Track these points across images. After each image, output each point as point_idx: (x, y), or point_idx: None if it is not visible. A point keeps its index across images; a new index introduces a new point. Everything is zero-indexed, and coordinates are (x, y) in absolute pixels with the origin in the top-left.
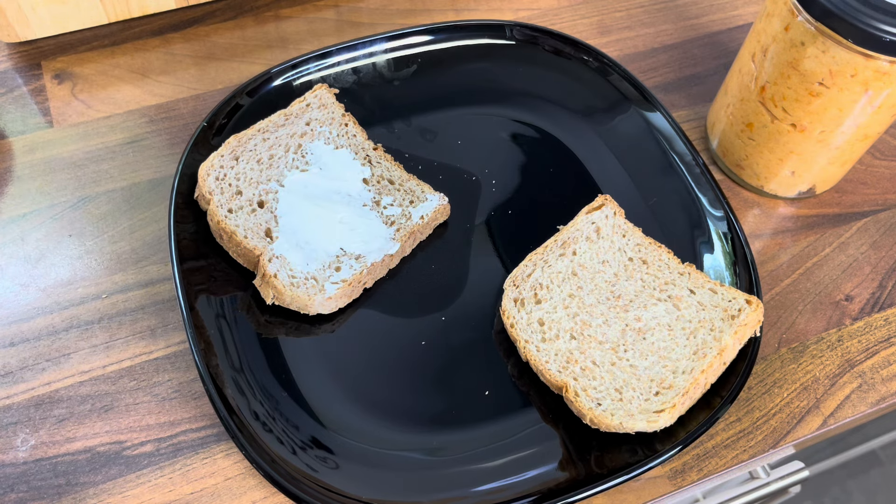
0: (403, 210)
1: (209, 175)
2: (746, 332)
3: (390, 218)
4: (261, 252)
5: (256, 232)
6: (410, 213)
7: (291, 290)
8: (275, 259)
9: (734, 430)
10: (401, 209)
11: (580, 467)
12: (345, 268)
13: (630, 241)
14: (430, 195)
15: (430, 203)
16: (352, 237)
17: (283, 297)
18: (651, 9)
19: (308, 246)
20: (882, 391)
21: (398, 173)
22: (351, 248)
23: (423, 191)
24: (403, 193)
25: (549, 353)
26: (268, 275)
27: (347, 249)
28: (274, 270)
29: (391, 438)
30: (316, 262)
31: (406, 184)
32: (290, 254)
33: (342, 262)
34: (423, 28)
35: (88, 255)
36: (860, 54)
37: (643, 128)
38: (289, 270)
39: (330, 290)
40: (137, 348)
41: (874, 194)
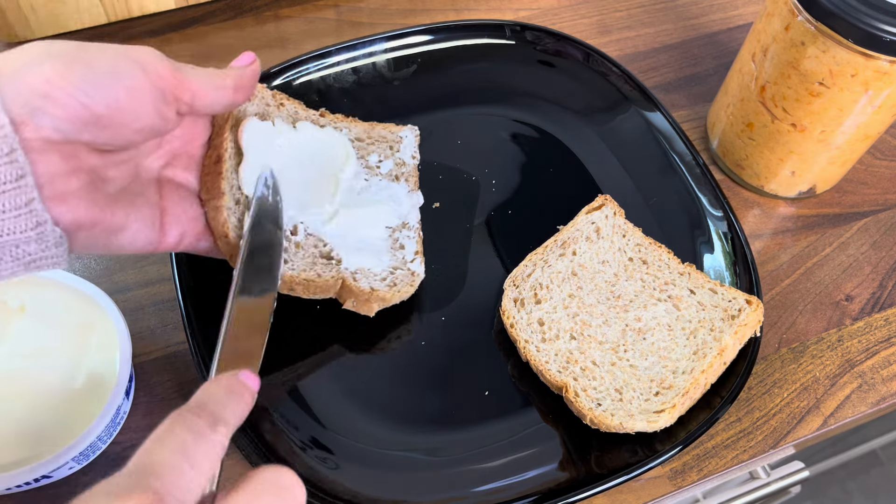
0: (394, 159)
1: None
2: (746, 333)
3: (392, 173)
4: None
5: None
6: (402, 159)
7: (392, 291)
8: (358, 276)
9: (734, 430)
10: (391, 160)
11: (580, 467)
12: (406, 241)
13: (630, 241)
14: (401, 132)
15: (409, 139)
16: (384, 212)
17: (388, 301)
18: (651, 8)
19: (367, 245)
20: (882, 391)
21: (359, 128)
22: (392, 222)
23: (391, 132)
24: (380, 143)
25: (549, 353)
26: (365, 292)
27: (391, 224)
28: (368, 285)
29: (391, 438)
30: (383, 254)
31: (373, 133)
32: (363, 261)
33: (399, 238)
34: (422, 28)
35: (88, 256)
36: (860, 54)
37: (643, 128)
38: (374, 277)
39: (418, 269)
40: (137, 348)
41: (874, 194)
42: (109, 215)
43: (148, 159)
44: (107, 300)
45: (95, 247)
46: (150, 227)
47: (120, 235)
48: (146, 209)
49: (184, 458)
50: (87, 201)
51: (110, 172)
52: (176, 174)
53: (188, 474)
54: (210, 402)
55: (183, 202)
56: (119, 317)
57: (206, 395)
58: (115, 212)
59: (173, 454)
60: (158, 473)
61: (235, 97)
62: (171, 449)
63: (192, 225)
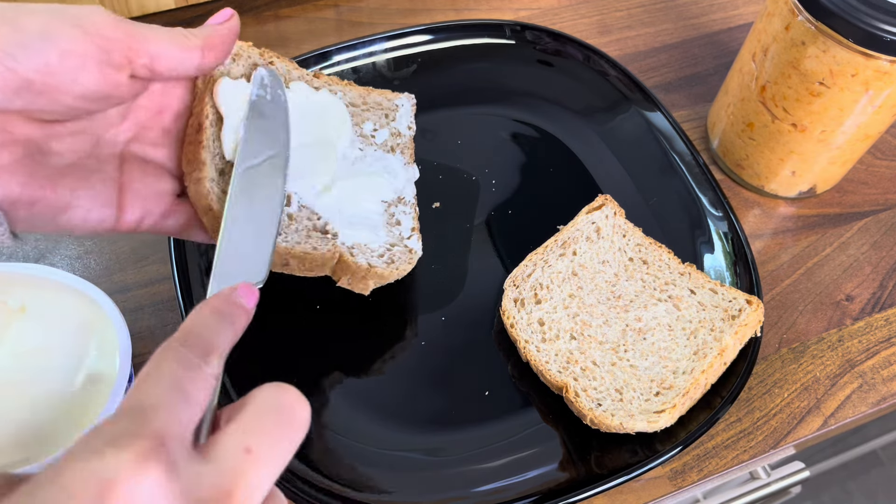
0: (389, 129)
1: None
2: (747, 333)
3: (387, 144)
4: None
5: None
6: (397, 129)
7: (391, 269)
8: (355, 252)
9: (734, 430)
10: (387, 130)
11: (580, 468)
12: (402, 217)
13: (630, 241)
14: (397, 100)
15: (405, 108)
16: (379, 185)
17: (386, 279)
18: (651, 8)
19: (363, 220)
20: (883, 391)
21: (354, 92)
22: (387, 196)
23: (388, 98)
24: (375, 111)
25: (549, 353)
26: (363, 268)
27: (386, 198)
28: (365, 261)
29: (391, 438)
30: (379, 229)
31: (369, 99)
32: (360, 236)
33: (394, 213)
34: (422, 28)
35: (87, 255)
36: (861, 54)
37: (643, 127)
38: (371, 252)
39: (415, 245)
40: (137, 348)
41: (875, 194)
42: (51, 192)
43: (110, 132)
44: (107, 300)
45: (42, 226)
46: (103, 205)
47: (68, 214)
48: (100, 185)
49: (179, 395)
50: (24, 176)
51: (55, 145)
52: (144, 149)
53: (185, 411)
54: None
55: (147, 178)
56: (119, 317)
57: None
58: (58, 189)
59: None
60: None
61: (205, 59)
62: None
63: (157, 202)
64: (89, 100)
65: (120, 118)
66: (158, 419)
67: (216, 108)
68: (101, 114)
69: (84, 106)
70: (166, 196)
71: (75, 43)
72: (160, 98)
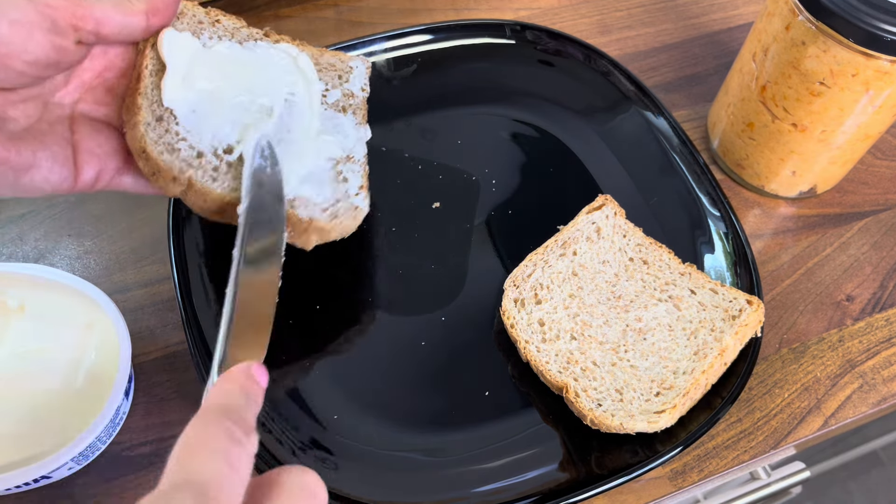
0: (342, 90)
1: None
2: (747, 333)
3: (339, 104)
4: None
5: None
6: (350, 90)
7: (333, 222)
8: (297, 204)
9: (735, 430)
10: (339, 90)
11: (580, 468)
12: (349, 174)
13: (630, 242)
14: (351, 62)
15: (359, 70)
16: (329, 143)
17: (328, 234)
18: (651, 8)
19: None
20: (883, 392)
21: (307, 52)
22: (335, 153)
23: (341, 60)
24: (328, 71)
25: (549, 353)
26: (304, 221)
27: (334, 156)
28: (307, 214)
29: (391, 439)
30: (325, 185)
31: (322, 59)
32: (303, 190)
33: (342, 170)
34: (422, 27)
35: (87, 255)
36: (861, 54)
37: (644, 127)
38: (314, 206)
39: (362, 203)
40: (137, 348)
41: (875, 194)
42: (14, 154)
43: (56, 96)
44: (106, 300)
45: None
46: (61, 164)
47: (30, 174)
48: (56, 147)
49: (231, 469)
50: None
51: (10, 112)
52: (91, 109)
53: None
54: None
55: (98, 136)
56: (118, 317)
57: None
58: (20, 150)
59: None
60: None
61: (151, 22)
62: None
63: (110, 160)
64: (38, 66)
65: (64, 81)
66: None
67: (160, 57)
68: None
69: (34, 73)
70: (119, 152)
71: (23, 12)
72: (102, 58)
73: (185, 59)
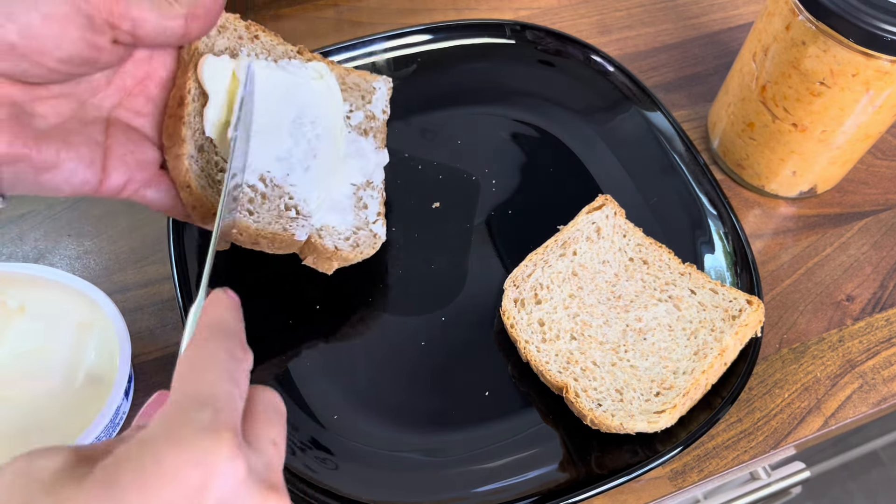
0: (364, 111)
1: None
2: (747, 333)
3: (361, 126)
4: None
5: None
6: (372, 112)
7: (356, 252)
8: (323, 234)
9: (735, 430)
10: (362, 112)
11: (581, 468)
12: (369, 201)
13: (631, 241)
14: (375, 82)
15: (381, 92)
16: (351, 168)
17: (350, 261)
18: (651, 8)
19: (333, 202)
20: (883, 392)
21: (335, 72)
22: (357, 179)
23: (366, 80)
24: (352, 91)
25: (549, 353)
26: (329, 251)
27: (356, 182)
28: (332, 244)
29: (391, 438)
30: (348, 213)
31: (348, 79)
32: (329, 219)
33: (362, 196)
34: (422, 27)
35: (87, 255)
36: (861, 54)
37: (644, 127)
38: (338, 235)
39: (380, 230)
40: (137, 348)
41: (875, 194)
42: (36, 152)
43: (96, 97)
44: (106, 300)
45: (25, 185)
46: (87, 166)
47: (52, 174)
48: (84, 148)
49: (234, 385)
50: (8, 135)
51: (39, 108)
52: (129, 116)
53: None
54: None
55: (131, 144)
56: (118, 317)
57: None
58: (42, 148)
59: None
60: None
61: (189, 28)
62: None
63: (141, 170)
64: (72, 63)
65: (105, 83)
66: (230, 411)
67: (200, 84)
68: (86, 78)
69: (66, 69)
70: (150, 165)
71: (57, 6)
72: (145, 65)
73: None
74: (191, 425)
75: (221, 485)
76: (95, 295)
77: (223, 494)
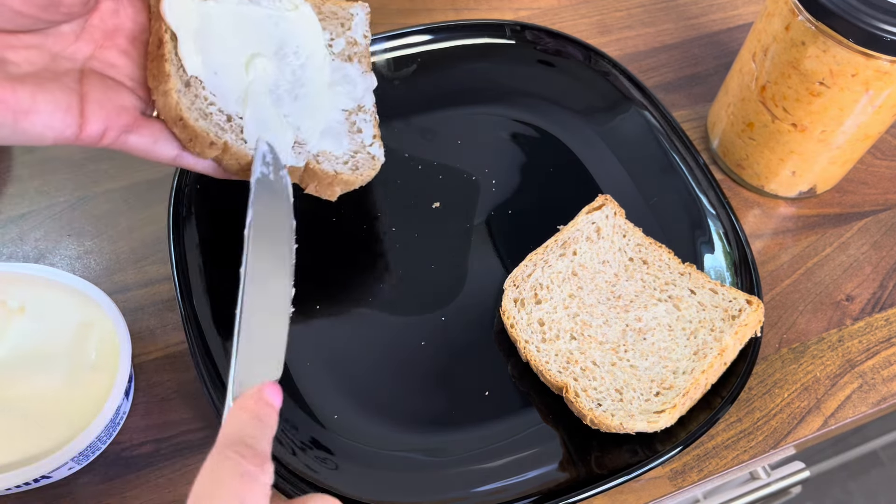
0: (346, 38)
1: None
2: (747, 333)
3: (345, 53)
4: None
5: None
6: (353, 38)
7: (356, 174)
8: (321, 159)
9: (735, 430)
10: (343, 39)
11: (580, 468)
12: (363, 125)
13: (630, 241)
14: (351, 9)
15: (360, 17)
16: (339, 94)
17: (352, 184)
18: (651, 8)
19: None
20: (883, 391)
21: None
22: (348, 105)
23: (342, 8)
24: (331, 20)
25: (549, 353)
26: (329, 175)
27: (347, 107)
28: (331, 168)
29: (391, 439)
30: (343, 137)
31: (324, 8)
32: (325, 144)
33: (355, 121)
34: (422, 28)
35: (87, 255)
36: (861, 54)
37: (643, 127)
38: (336, 159)
39: (378, 152)
40: (137, 348)
41: (875, 194)
42: (10, 93)
43: (68, 50)
44: (107, 300)
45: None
46: (64, 111)
47: (30, 118)
48: (59, 93)
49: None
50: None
51: (11, 56)
52: (103, 67)
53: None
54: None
55: (108, 90)
56: (119, 317)
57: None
58: (17, 91)
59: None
60: None
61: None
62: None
63: (119, 116)
64: (36, 7)
65: (74, 36)
66: None
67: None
68: (53, 30)
69: (32, 13)
70: (129, 111)
71: None
72: (112, 18)
73: (192, 21)
74: None
75: None
76: (96, 295)
77: None
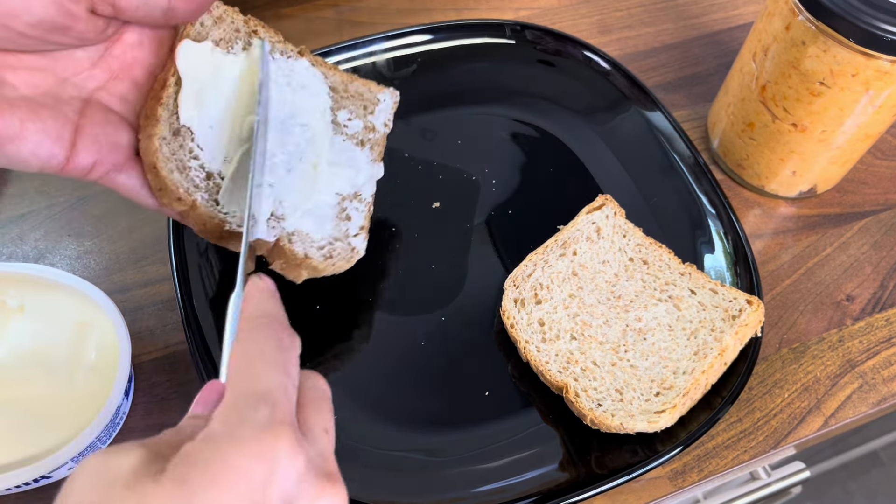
0: (364, 122)
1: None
2: (747, 333)
3: (357, 136)
4: None
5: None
6: (372, 123)
7: (327, 263)
8: (294, 238)
9: (735, 430)
10: (361, 122)
11: (581, 468)
12: (353, 213)
13: (630, 241)
14: (380, 94)
15: (386, 103)
16: (339, 176)
17: (320, 272)
18: (652, 8)
19: (313, 208)
20: (883, 391)
21: (337, 77)
22: (344, 189)
23: (370, 90)
24: (354, 100)
25: (549, 353)
26: (298, 257)
27: (342, 192)
28: (302, 251)
29: (391, 438)
30: (327, 222)
31: (351, 87)
32: (304, 224)
33: (346, 207)
34: (422, 27)
35: (87, 255)
36: (861, 54)
37: (644, 127)
38: (311, 242)
39: (360, 245)
40: (137, 348)
41: (875, 194)
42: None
43: (79, 77)
44: (106, 300)
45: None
46: (53, 140)
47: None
48: (51, 121)
49: (288, 379)
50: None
51: (9, 77)
52: (111, 100)
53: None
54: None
55: (107, 126)
56: (118, 317)
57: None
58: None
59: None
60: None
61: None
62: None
63: (112, 153)
64: (42, 29)
65: (90, 63)
66: (285, 405)
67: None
68: (65, 54)
69: (38, 35)
70: (123, 149)
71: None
72: (135, 50)
73: (204, 72)
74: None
75: (284, 479)
76: (95, 295)
77: (286, 487)
